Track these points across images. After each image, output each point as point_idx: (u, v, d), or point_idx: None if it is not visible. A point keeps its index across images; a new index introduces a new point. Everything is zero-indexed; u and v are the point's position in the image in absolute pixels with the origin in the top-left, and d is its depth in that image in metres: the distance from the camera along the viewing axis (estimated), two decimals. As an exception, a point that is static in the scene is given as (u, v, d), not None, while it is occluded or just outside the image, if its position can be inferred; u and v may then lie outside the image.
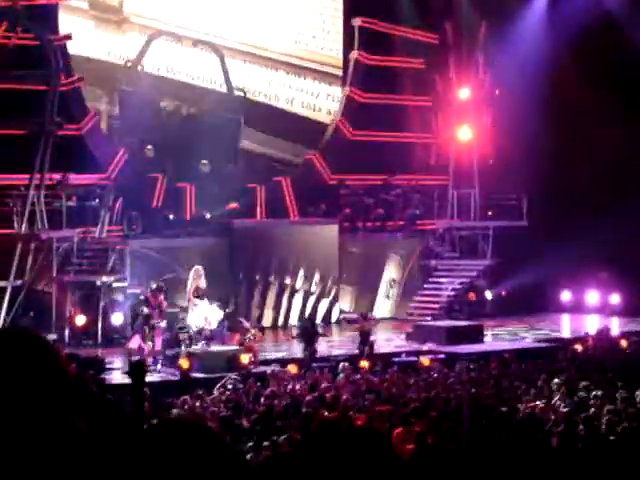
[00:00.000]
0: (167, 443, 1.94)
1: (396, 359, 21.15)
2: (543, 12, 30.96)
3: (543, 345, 23.24)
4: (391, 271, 29.44)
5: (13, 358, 1.71)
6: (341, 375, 18.33)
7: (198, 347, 20.53)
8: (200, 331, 20.75)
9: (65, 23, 26.61)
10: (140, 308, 21.10)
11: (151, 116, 27.61)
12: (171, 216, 26.78)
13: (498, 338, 25.00)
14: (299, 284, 27.61)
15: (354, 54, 30.64)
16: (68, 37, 26.16)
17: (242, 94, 29.20)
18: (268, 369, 19.25)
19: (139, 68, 27.84)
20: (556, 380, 17.02)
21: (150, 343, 20.51)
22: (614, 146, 28.40)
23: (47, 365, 1.73)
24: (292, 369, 18.94)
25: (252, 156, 29.40)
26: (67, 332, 23.70)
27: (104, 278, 24.38)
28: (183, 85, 28.58)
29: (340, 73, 30.85)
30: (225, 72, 28.98)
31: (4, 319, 23.32)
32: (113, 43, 27.87)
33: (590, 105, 28.33)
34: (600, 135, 28.45)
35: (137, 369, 8.85)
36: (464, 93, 30.78)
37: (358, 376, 18.39)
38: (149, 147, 27.53)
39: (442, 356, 21.15)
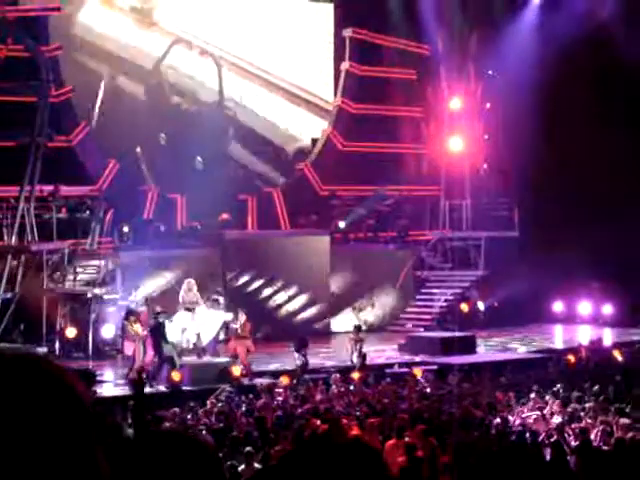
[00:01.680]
0: (157, 455, 1.92)
1: (388, 370, 21.08)
2: (534, 23, 31.02)
3: (536, 356, 23.18)
4: None
5: (23, 387, 1.59)
6: (333, 387, 18.26)
7: (189, 360, 20.45)
8: (189, 344, 20.73)
9: (109, 18, 28.22)
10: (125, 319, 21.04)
11: (163, 110, 28.62)
12: (162, 227, 26.71)
13: (490, 349, 24.95)
14: (290, 295, 27.55)
15: (345, 65, 30.67)
16: (59, 48, 26.15)
17: (232, 113, 29.73)
18: (259, 381, 19.18)
19: (162, 66, 29.11)
20: (549, 391, 16.99)
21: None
22: (606, 157, 28.40)
23: (62, 395, 1.62)
24: (284, 381, 18.86)
25: (243, 166, 29.64)
26: (57, 344, 23.55)
27: (95, 290, 24.26)
28: (186, 83, 29.46)
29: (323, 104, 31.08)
30: (220, 82, 29.49)
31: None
32: (144, 40, 29.06)
33: (582, 116, 28.34)
34: (592, 146, 28.44)
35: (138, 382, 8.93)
36: (455, 103, 30.82)
37: (350, 387, 18.34)
38: (162, 136, 28.14)
39: (434, 367, 21.08)
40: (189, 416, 15.68)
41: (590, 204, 28.34)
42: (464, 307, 28.68)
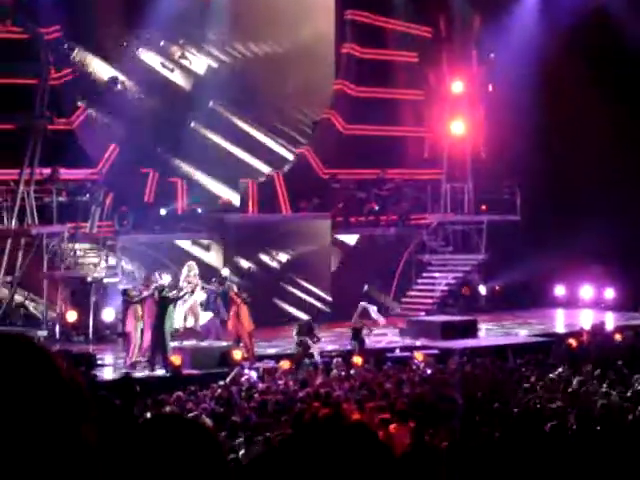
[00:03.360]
0: (159, 439, 1.93)
1: (390, 355, 21.03)
2: (537, 5, 30.82)
3: (537, 340, 23.14)
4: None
5: (4, 365, 1.60)
6: (334, 371, 18.22)
7: (189, 343, 20.40)
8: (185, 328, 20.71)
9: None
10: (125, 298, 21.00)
11: None
12: (163, 211, 26.63)
13: (492, 333, 24.90)
14: (291, 279, 27.49)
15: (346, 47, 30.48)
16: (58, 30, 25.99)
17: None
18: (260, 365, 19.14)
19: None
20: (550, 375, 16.94)
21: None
22: (609, 139, 28.27)
23: (43, 372, 1.62)
24: (284, 365, 18.80)
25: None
26: (58, 328, 23.52)
27: (95, 274, 24.21)
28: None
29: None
30: None
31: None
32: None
33: (585, 99, 28.18)
34: (594, 128, 28.31)
35: (125, 386, 8.70)
36: (457, 87, 30.67)
37: (352, 372, 18.28)
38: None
39: (435, 351, 21.03)
40: (189, 400, 15.62)
41: (592, 187, 28.21)
42: (465, 291, 28.62)
